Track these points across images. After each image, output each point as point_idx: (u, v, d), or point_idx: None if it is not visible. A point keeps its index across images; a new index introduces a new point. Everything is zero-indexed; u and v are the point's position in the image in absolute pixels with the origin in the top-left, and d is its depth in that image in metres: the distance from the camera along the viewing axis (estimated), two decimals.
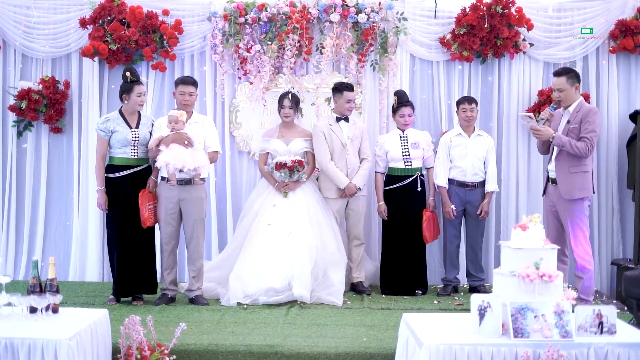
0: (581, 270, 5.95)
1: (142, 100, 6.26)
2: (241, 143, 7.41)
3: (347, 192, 6.70)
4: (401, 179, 6.73)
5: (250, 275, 6.27)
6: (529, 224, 4.06)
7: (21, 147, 7.46)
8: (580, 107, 5.97)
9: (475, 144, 6.75)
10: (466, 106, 6.72)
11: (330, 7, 7.14)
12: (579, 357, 3.79)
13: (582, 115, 5.90)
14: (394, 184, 6.75)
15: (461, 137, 6.75)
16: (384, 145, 6.77)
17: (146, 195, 6.16)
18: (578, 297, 5.93)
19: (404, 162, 6.71)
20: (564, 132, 5.95)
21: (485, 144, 6.79)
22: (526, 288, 3.90)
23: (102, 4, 7.13)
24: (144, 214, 6.11)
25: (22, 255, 7.43)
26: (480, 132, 6.83)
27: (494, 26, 7.08)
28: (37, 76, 7.38)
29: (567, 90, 5.95)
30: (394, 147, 6.73)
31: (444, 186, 6.73)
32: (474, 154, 6.72)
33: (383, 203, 6.80)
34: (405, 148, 6.70)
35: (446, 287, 6.83)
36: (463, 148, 6.72)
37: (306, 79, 7.35)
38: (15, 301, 4.13)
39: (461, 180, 6.72)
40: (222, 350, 4.85)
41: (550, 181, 6.11)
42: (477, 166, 6.73)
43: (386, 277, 6.80)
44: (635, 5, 7.22)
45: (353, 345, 4.92)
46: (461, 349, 3.77)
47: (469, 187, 6.72)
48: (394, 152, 6.71)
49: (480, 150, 6.75)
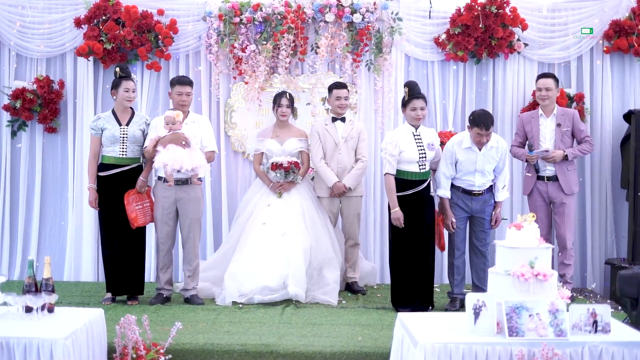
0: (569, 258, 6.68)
1: (129, 96, 6.20)
2: (236, 143, 7.41)
3: (335, 190, 6.70)
4: (416, 184, 5.95)
5: (245, 274, 6.27)
6: (524, 224, 4.08)
7: (15, 146, 7.45)
8: (562, 111, 6.70)
9: (485, 158, 5.99)
10: (482, 132, 5.84)
11: (325, 7, 7.15)
12: (574, 355, 3.80)
13: (570, 119, 6.63)
14: (409, 190, 5.94)
15: (470, 151, 5.97)
16: (399, 144, 5.92)
17: (133, 196, 6.14)
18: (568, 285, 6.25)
19: (418, 165, 5.95)
20: (557, 136, 6.60)
21: (497, 154, 6.03)
22: (521, 287, 3.92)
23: (97, 3, 7.12)
24: (130, 215, 6.10)
25: (17, 255, 7.42)
26: (493, 144, 5.98)
27: (488, 26, 7.09)
28: (31, 76, 7.37)
29: (553, 90, 6.62)
30: (409, 147, 5.92)
31: (448, 197, 6.08)
32: (483, 168, 6.00)
33: (399, 209, 5.90)
34: (421, 149, 5.95)
35: (453, 301, 6.18)
36: (472, 163, 5.98)
37: (301, 79, 7.36)
38: (11, 300, 4.13)
39: (467, 188, 6.04)
40: (217, 350, 4.85)
41: (546, 179, 6.64)
42: (486, 177, 6.04)
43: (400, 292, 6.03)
44: (629, 6, 7.26)
45: (348, 345, 4.93)
46: (456, 348, 3.78)
47: (475, 195, 6.05)
48: (409, 154, 5.91)
49: (490, 164, 6.01)
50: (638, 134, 6.92)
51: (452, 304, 6.17)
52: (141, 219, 6.18)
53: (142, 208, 6.19)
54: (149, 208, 6.24)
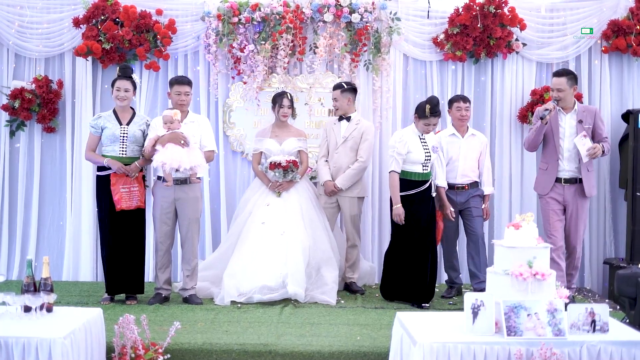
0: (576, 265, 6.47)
1: (122, 95, 6.18)
2: (235, 143, 7.41)
3: (325, 189, 6.74)
4: (419, 184, 6.23)
5: (244, 273, 6.28)
6: (522, 223, 4.08)
7: (14, 146, 7.44)
8: (584, 108, 6.38)
9: (468, 145, 6.61)
10: (461, 104, 6.59)
11: (324, 7, 7.15)
12: (572, 355, 3.81)
13: (592, 116, 6.29)
14: (413, 189, 6.22)
15: (454, 137, 6.62)
16: (408, 144, 6.18)
17: (121, 178, 6.09)
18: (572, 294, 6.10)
19: (422, 166, 6.23)
20: (579, 132, 6.23)
21: (479, 144, 6.67)
22: (519, 286, 3.93)
23: (96, 3, 7.12)
24: (114, 196, 6.05)
25: (15, 255, 7.41)
26: (474, 132, 6.71)
27: (486, 26, 7.10)
28: (30, 75, 7.37)
29: (566, 91, 6.22)
30: (416, 149, 6.20)
31: (444, 187, 6.49)
32: (466, 155, 6.58)
33: (401, 206, 6.19)
34: (427, 151, 6.23)
35: (450, 289, 6.74)
36: (456, 149, 6.58)
37: (299, 78, 7.36)
38: (10, 300, 4.12)
39: (450, 182, 6.54)
40: (216, 349, 4.85)
41: (563, 181, 6.30)
42: (468, 167, 6.58)
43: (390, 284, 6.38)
44: (627, 6, 7.27)
45: (347, 344, 4.93)
46: (455, 347, 3.78)
47: (458, 189, 6.56)
48: (416, 155, 6.19)
49: (473, 152, 6.62)
50: (636, 134, 6.93)
51: (448, 292, 6.72)
52: (125, 202, 6.10)
53: (128, 192, 6.11)
54: (136, 193, 6.15)
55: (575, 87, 6.30)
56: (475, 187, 6.65)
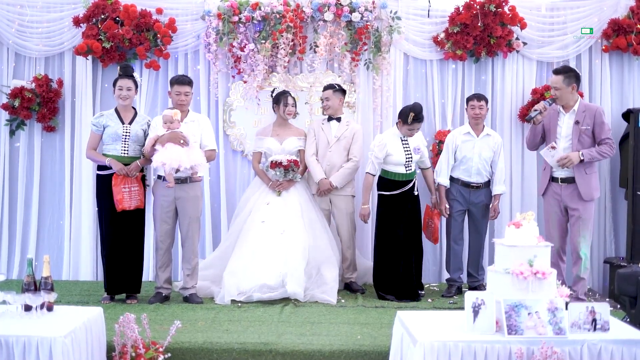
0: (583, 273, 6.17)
1: (123, 94, 6.17)
2: (235, 142, 7.41)
3: (321, 187, 6.72)
4: (403, 184, 6.42)
5: (244, 271, 6.28)
6: (523, 222, 4.08)
7: (14, 145, 7.44)
8: (585, 107, 6.09)
9: (483, 144, 6.57)
10: (475, 103, 6.57)
11: (324, 6, 7.15)
12: (573, 353, 3.81)
13: (591, 116, 6.02)
14: (396, 190, 6.43)
15: (469, 136, 6.59)
16: (387, 148, 6.38)
17: (122, 178, 6.08)
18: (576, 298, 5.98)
19: (405, 167, 6.41)
20: (574, 134, 6.02)
21: (493, 144, 6.61)
22: (520, 285, 3.92)
23: (96, 2, 7.12)
24: (116, 196, 6.05)
25: (15, 255, 7.41)
26: (489, 132, 6.65)
27: (487, 25, 7.10)
28: (30, 75, 7.36)
29: (563, 89, 6.01)
30: (396, 151, 6.38)
31: (446, 185, 6.60)
32: (480, 155, 6.55)
33: (368, 207, 6.59)
34: (408, 153, 6.39)
35: (450, 287, 6.71)
36: (470, 148, 6.56)
37: (300, 77, 7.36)
38: (10, 299, 4.12)
39: (465, 180, 6.58)
40: (216, 348, 4.85)
41: (560, 181, 6.12)
42: (482, 167, 6.57)
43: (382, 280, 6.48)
44: (627, 4, 7.25)
45: (347, 343, 4.93)
46: (455, 346, 3.78)
47: (473, 188, 6.58)
48: (397, 157, 6.37)
49: (487, 151, 6.57)
50: (637, 133, 6.92)
51: (448, 290, 6.68)
52: (127, 202, 6.09)
53: (129, 191, 6.10)
54: (137, 193, 6.14)
55: (574, 86, 6.04)
56: (489, 186, 6.67)
